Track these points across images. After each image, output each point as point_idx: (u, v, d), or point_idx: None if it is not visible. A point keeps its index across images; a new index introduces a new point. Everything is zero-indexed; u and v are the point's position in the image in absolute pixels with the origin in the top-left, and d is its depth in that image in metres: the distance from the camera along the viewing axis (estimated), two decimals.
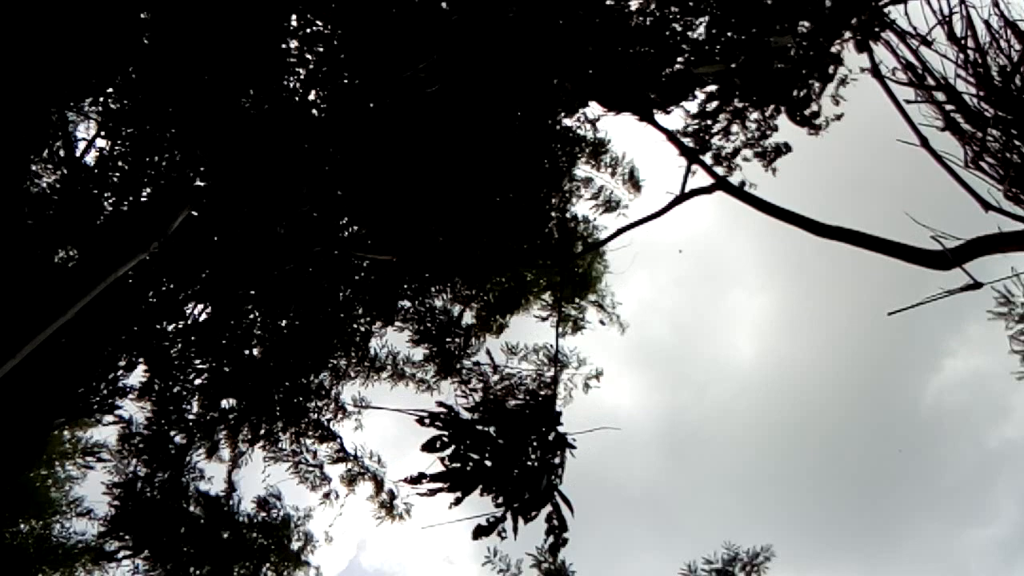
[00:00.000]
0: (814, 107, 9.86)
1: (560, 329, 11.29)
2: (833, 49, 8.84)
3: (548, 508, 7.02)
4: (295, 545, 10.21)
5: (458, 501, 6.90)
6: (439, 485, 6.91)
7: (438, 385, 10.71)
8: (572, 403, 10.87)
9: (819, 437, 26.45)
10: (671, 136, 8.73)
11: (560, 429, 7.29)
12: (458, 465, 6.93)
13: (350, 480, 10.36)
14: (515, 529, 6.91)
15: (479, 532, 6.88)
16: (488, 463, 7.00)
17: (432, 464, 6.97)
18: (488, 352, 10.34)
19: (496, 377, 10.17)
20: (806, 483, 26.21)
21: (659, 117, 9.76)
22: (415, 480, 6.96)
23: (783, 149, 10.20)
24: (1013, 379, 5.20)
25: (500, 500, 6.94)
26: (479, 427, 7.14)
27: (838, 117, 9.84)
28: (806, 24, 8.20)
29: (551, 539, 7.06)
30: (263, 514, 10.14)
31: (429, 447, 6.93)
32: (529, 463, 7.11)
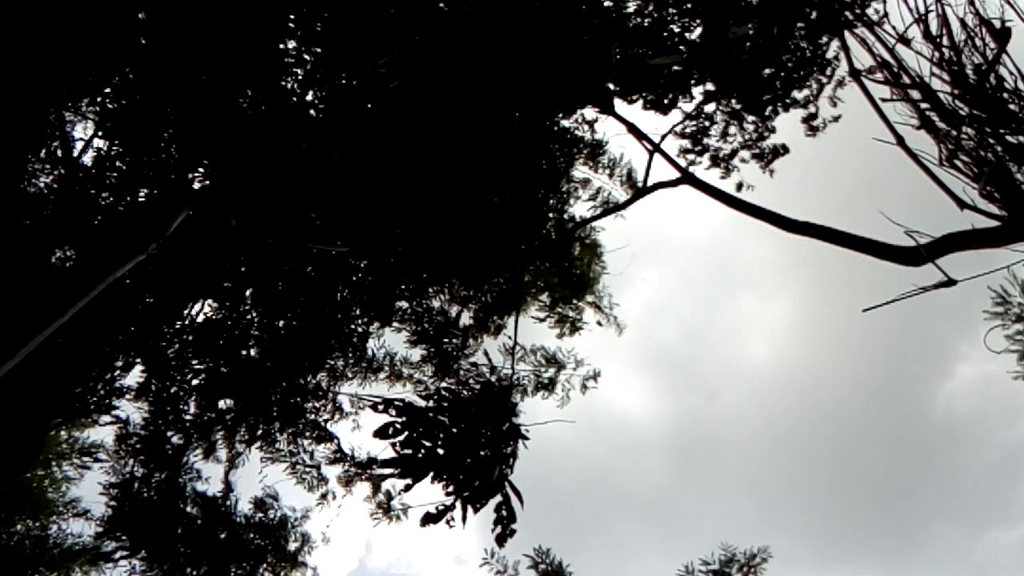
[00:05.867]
0: (812, 108, 9.95)
1: (558, 330, 11.34)
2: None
3: (498, 498, 6.99)
4: (292, 546, 10.21)
5: (408, 488, 6.87)
6: (390, 471, 6.88)
7: (436, 386, 10.72)
8: (570, 403, 10.91)
9: (834, 441, 26.51)
10: (633, 128, 8.72)
11: (515, 420, 7.27)
12: (410, 452, 6.91)
13: (347, 481, 10.36)
14: (464, 518, 6.88)
15: (427, 520, 6.85)
16: (440, 451, 6.98)
17: (384, 450, 6.95)
18: (486, 353, 10.36)
19: (494, 378, 10.18)
20: (823, 487, 26.25)
21: (654, 115, 9.83)
22: (366, 465, 6.93)
23: (780, 151, 10.24)
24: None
25: (451, 488, 6.92)
26: (433, 415, 7.11)
27: (836, 119, 9.90)
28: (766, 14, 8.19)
29: (499, 529, 7.03)
30: (260, 515, 10.14)
31: (381, 433, 6.90)
32: (482, 453, 7.08)
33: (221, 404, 9.77)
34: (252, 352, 9.72)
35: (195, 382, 9.53)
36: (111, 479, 9.42)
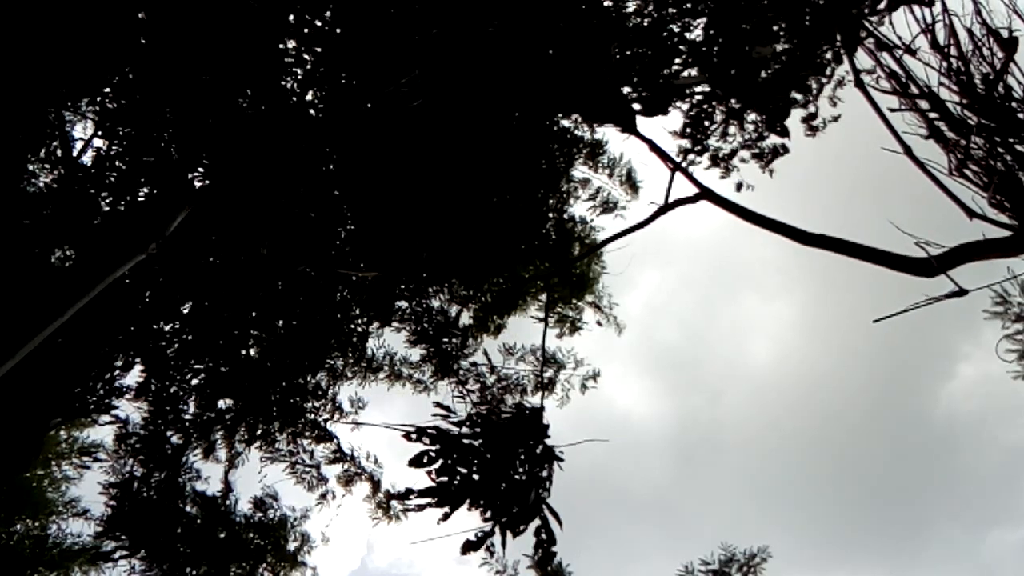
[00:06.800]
0: (811, 108, 9.94)
1: (558, 330, 11.34)
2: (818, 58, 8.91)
3: (536, 522, 6.98)
4: (292, 545, 10.20)
5: (446, 516, 6.84)
6: (427, 500, 6.87)
7: (435, 385, 10.72)
8: (569, 403, 10.93)
9: (836, 442, 26.57)
10: (655, 147, 8.75)
11: (548, 442, 7.26)
12: (445, 479, 6.89)
13: (347, 481, 10.36)
14: (503, 544, 6.85)
15: (467, 547, 6.84)
16: (476, 477, 6.96)
17: (420, 478, 6.93)
18: (485, 352, 10.38)
19: (493, 378, 10.19)
20: (825, 487, 26.31)
21: (652, 122, 9.82)
22: (402, 496, 6.92)
23: (780, 150, 10.24)
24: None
25: (488, 515, 6.91)
26: (467, 441, 7.09)
27: (835, 119, 9.90)
28: (788, 35, 8.22)
29: (539, 553, 7.03)
30: (260, 514, 10.13)
31: (416, 462, 6.89)
32: (517, 477, 7.07)
33: (221, 404, 9.76)
34: (252, 352, 9.71)
35: (195, 382, 9.52)
36: (111, 479, 9.42)
